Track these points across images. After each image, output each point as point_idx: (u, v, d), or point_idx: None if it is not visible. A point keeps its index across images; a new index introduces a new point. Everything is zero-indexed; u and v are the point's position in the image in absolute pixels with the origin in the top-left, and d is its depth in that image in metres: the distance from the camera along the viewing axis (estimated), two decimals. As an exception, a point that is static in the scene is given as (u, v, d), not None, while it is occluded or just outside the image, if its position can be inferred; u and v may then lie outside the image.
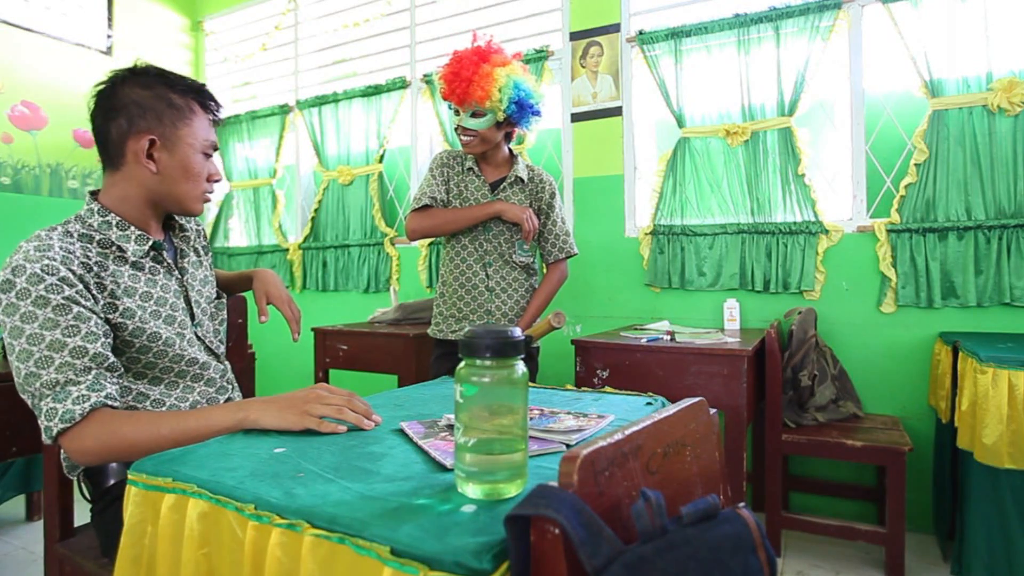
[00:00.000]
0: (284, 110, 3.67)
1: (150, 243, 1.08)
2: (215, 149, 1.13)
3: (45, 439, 0.91)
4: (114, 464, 1.08)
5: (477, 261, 1.94)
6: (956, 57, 2.15)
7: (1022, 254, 2.07)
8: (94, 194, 1.08)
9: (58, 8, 3.34)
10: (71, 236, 1.01)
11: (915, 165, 2.22)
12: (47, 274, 0.92)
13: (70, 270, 0.95)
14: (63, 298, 0.93)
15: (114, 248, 1.05)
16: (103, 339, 0.96)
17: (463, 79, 1.78)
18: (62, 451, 1.08)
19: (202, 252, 1.26)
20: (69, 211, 3.33)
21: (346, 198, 3.43)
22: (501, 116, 1.82)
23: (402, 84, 3.22)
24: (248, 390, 1.70)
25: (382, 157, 3.29)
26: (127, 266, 1.06)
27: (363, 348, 2.48)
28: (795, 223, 2.38)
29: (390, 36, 3.36)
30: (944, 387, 1.94)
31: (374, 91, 3.29)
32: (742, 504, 0.58)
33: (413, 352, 2.33)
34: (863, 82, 2.33)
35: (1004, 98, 2.07)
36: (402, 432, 0.89)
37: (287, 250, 3.64)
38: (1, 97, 3.09)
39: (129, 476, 0.76)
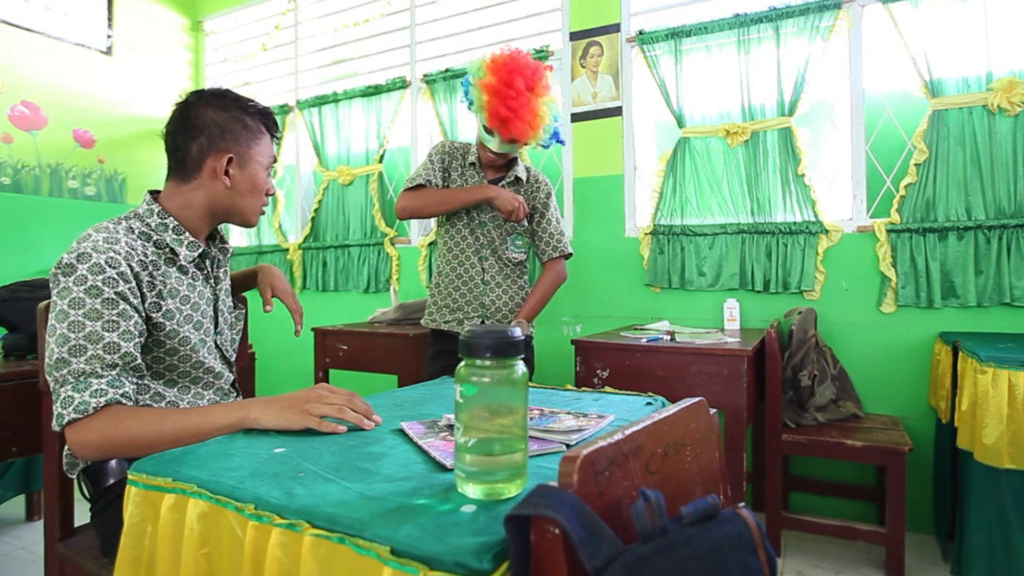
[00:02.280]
0: (284, 110, 3.67)
1: (200, 251, 1.13)
2: (275, 162, 1.22)
3: (55, 426, 0.93)
4: (113, 463, 1.09)
5: (475, 253, 1.96)
6: (956, 57, 2.15)
7: (1022, 254, 2.07)
8: (154, 195, 1.13)
9: (58, 8, 3.34)
10: (133, 232, 1.06)
11: (915, 165, 2.22)
12: (109, 266, 0.97)
13: (130, 266, 1.00)
14: (115, 292, 0.97)
15: (167, 250, 1.10)
16: (137, 339, 1.00)
17: (522, 120, 1.79)
18: (66, 445, 1.09)
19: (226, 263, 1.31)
20: (69, 211, 3.33)
21: (346, 198, 3.43)
22: (535, 146, 1.88)
23: (402, 84, 3.22)
24: (248, 390, 1.70)
25: (382, 157, 3.29)
26: (175, 269, 1.11)
27: (363, 348, 2.48)
28: (795, 223, 2.38)
29: (390, 36, 3.36)
30: (944, 387, 1.94)
31: (374, 91, 3.29)
32: (742, 504, 0.58)
33: (413, 352, 2.33)
34: (863, 82, 2.33)
35: (1004, 98, 2.07)
36: (402, 432, 0.89)
37: (287, 250, 3.64)
38: (1, 97, 3.09)
39: (129, 476, 0.76)
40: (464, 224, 1.96)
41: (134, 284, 1.00)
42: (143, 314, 1.02)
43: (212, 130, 1.11)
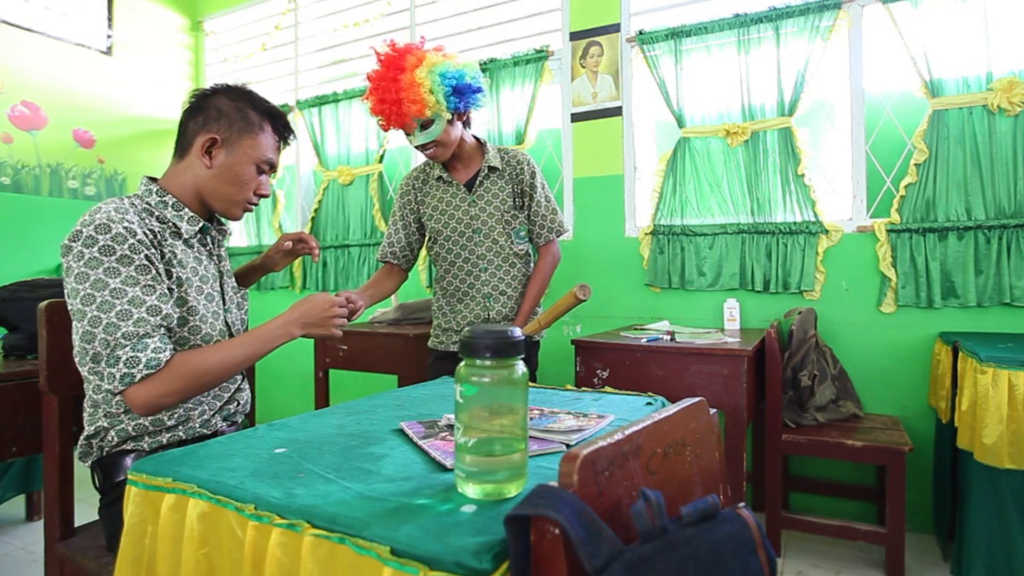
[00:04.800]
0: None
1: (200, 224, 1.17)
2: (272, 168, 1.23)
3: (117, 386, 0.97)
4: (128, 460, 1.10)
5: (469, 272, 1.88)
6: (956, 57, 2.15)
7: (1022, 254, 2.06)
8: (152, 180, 1.17)
9: (58, 8, 3.34)
10: (136, 208, 1.10)
11: (915, 165, 2.22)
12: (129, 235, 1.01)
13: (144, 233, 1.04)
14: (143, 258, 1.02)
15: (170, 224, 1.14)
16: (171, 301, 1.05)
17: (391, 102, 1.68)
18: (85, 417, 1.11)
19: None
20: (69, 211, 3.33)
21: (346, 198, 3.43)
22: (448, 114, 1.71)
23: (402, 84, 3.22)
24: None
25: (382, 157, 3.29)
26: (180, 242, 1.15)
27: (363, 348, 2.48)
28: (795, 223, 2.38)
29: (390, 36, 3.35)
30: (944, 387, 1.94)
31: (374, 91, 3.29)
32: (742, 504, 0.58)
33: (413, 352, 2.33)
34: (863, 82, 2.33)
35: (1004, 98, 2.07)
36: (402, 432, 0.90)
37: (287, 250, 3.64)
38: (1, 97, 3.09)
39: (129, 476, 0.76)
40: (452, 241, 1.87)
41: (153, 251, 1.05)
42: (164, 280, 1.06)
43: (211, 112, 1.15)
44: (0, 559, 2.07)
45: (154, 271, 1.03)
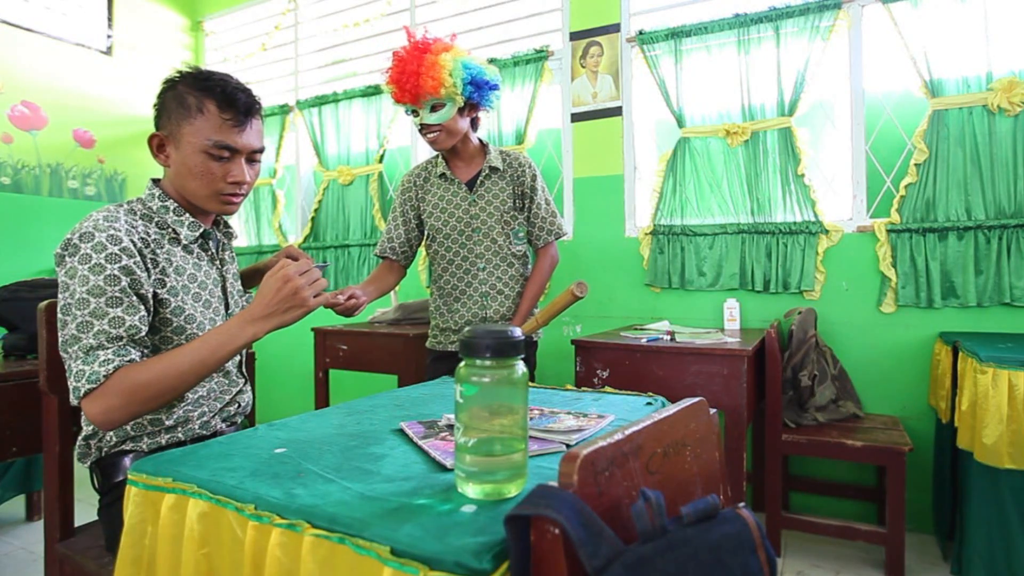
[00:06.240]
0: (284, 110, 3.67)
1: (201, 230, 1.16)
2: (234, 151, 1.10)
3: (73, 399, 0.96)
4: (127, 460, 1.09)
5: (467, 271, 1.88)
6: (956, 57, 2.15)
7: (1022, 254, 2.06)
8: (156, 181, 1.16)
9: (58, 8, 3.34)
10: (135, 214, 1.09)
11: (915, 165, 2.22)
12: (110, 243, 0.99)
13: (132, 241, 1.02)
14: (119, 268, 0.99)
15: (170, 230, 1.13)
16: (142, 313, 1.02)
17: (410, 73, 1.71)
18: (83, 418, 1.11)
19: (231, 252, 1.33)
20: (69, 211, 3.33)
21: (346, 198, 3.43)
22: (461, 101, 1.74)
23: (402, 84, 3.22)
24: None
25: (382, 157, 3.29)
26: (180, 248, 1.13)
27: (363, 348, 2.48)
28: (795, 223, 2.38)
29: (390, 36, 3.36)
30: (944, 387, 1.94)
31: (374, 91, 3.29)
32: (742, 504, 0.58)
33: (413, 352, 2.33)
34: (863, 82, 2.33)
35: (1004, 98, 2.07)
36: (402, 432, 0.90)
37: (287, 250, 3.63)
38: (1, 97, 3.09)
39: (129, 476, 0.76)
40: (450, 239, 1.88)
41: (139, 258, 1.02)
42: (148, 290, 1.04)
43: (158, 111, 1.12)
44: (0, 559, 2.07)
45: (127, 281, 0.99)
